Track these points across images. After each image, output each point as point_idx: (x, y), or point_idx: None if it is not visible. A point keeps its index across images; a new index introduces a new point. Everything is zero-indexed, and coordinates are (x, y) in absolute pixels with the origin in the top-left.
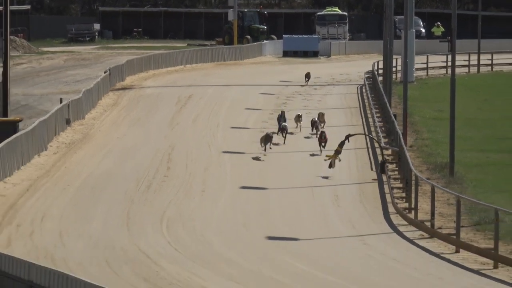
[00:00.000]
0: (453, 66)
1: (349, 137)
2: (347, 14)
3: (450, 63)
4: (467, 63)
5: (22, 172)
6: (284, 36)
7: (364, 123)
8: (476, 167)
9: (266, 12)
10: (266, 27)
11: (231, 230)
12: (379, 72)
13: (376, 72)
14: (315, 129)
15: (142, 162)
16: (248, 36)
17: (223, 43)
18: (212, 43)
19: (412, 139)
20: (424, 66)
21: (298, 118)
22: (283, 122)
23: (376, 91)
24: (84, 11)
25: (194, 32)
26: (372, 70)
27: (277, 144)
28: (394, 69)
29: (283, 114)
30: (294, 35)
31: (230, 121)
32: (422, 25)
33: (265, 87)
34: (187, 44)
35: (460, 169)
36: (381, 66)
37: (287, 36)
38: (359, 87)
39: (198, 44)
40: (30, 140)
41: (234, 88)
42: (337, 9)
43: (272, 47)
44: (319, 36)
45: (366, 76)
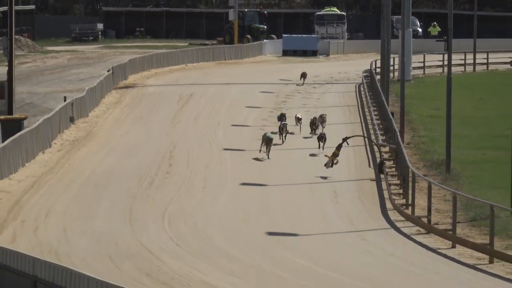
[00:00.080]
0: (449, 65)
1: (346, 139)
2: (345, 14)
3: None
4: (463, 62)
5: (27, 169)
6: (283, 35)
7: (362, 121)
8: (472, 164)
9: (266, 12)
10: (266, 27)
11: (232, 226)
12: (377, 71)
13: (374, 71)
14: (314, 127)
15: (144, 159)
16: (249, 36)
17: (224, 43)
18: (213, 42)
19: (409, 137)
20: (421, 65)
21: (298, 120)
22: (283, 121)
23: (374, 90)
24: (87, 11)
25: (195, 31)
26: (370, 69)
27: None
28: (392, 68)
29: (283, 115)
30: (294, 34)
31: (231, 119)
32: (419, 24)
33: (265, 85)
34: (188, 43)
35: (456, 166)
36: (378, 65)
37: (286, 35)
38: (357, 86)
39: (199, 43)
40: (35, 137)
41: (234, 86)
42: (335, 9)
43: (272, 46)
44: (318, 35)
45: (364, 74)
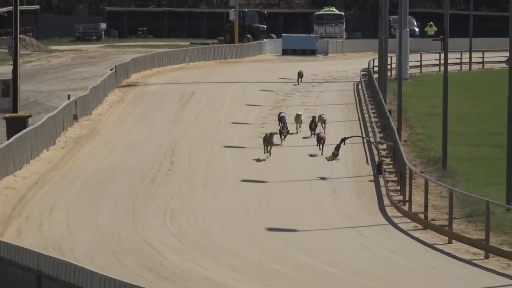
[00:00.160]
0: (445, 64)
1: (345, 140)
2: (343, 13)
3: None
4: (459, 61)
5: (31, 166)
6: (283, 35)
7: (360, 118)
8: (468, 161)
9: (266, 12)
10: (266, 26)
11: (232, 222)
12: (375, 69)
13: (371, 70)
14: (314, 126)
15: (146, 157)
16: (249, 35)
17: (225, 42)
18: (214, 41)
19: (406, 134)
20: (418, 64)
21: (298, 118)
22: (283, 122)
23: (372, 88)
24: (91, 11)
25: (196, 31)
26: (367, 67)
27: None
28: (389, 66)
29: (283, 117)
30: (293, 34)
31: (231, 117)
32: (416, 24)
33: (265, 84)
34: (190, 42)
35: (453, 163)
36: (376, 64)
37: (286, 35)
38: (355, 84)
39: (200, 42)
40: (39, 135)
41: (235, 85)
42: (334, 9)
43: (272, 45)
44: (317, 35)
45: (362, 73)
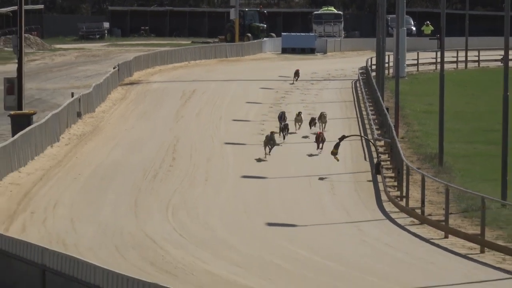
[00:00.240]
0: (442, 62)
1: (343, 139)
2: (342, 13)
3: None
4: (455, 59)
5: (36, 162)
6: (282, 34)
7: (358, 116)
8: (463, 158)
9: (265, 11)
10: (266, 26)
11: (233, 217)
12: (372, 68)
13: (369, 68)
14: (313, 126)
15: (148, 153)
16: (249, 34)
17: (225, 41)
18: (215, 40)
19: (404, 131)
20: (415, 62)
21: (298, 116)
22: (284, 121)
23: (370, 86)
24: (94, 10)
25: (198, 30)
26: (365, 66)
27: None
28: (387, 65)
29: (283, 114)
30: (292, 33)
31: (232, 114)
32: (413, 23)
33: (265, 82)
34: (191, 41)
35: (449, 159)
36: (374, 62)
37: (285, 34)
38: (353, 82)
39: (201, 41)
40: (44, 132)
41: (235, 83)
42: (332, 8)
43: (272, 44)
44: (316, 34)
45: (360, 71)
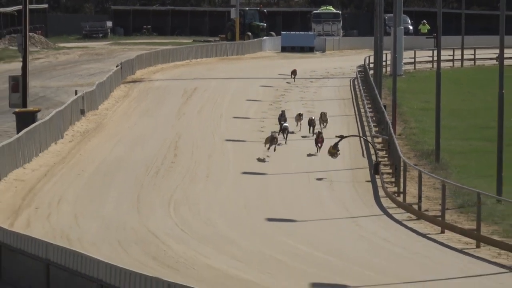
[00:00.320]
0: (438, 61)
1: (342, 138)
2: (340, 12)
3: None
4: (451, 58)
5: (40, 159)
6: (282, 32)
7: (356, 113)
8: (460, 154)
9: (265, 11)
10: (265, 25)
11: (234, 213)
12: (370, 66)
13: (367, 66)
14: (312, 127)
15: (151, 150)
16: (249, 33)
17: (226, 39)
18: (216, 39)
19: (401, 128)
20: (412, 60)
21: (298, 117)
22: (284, 122)
23: (368, 84)
24: (97, 9)
25: (199, 29)
26: (363, 64)
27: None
28: (384, 63)
29: (283, 113)
30: (292, 32)
31: (233, 111)
32: (410, 22)
33: (264, 80)
34: (192, 40)
35: (445, 156)
36: (372, 60)
37: (285, 32)
38: (351, 80)
39: (203, 40)
40: (48, 129)
41: (236, 81)
42: (331, 7)
43: (271, 43)
44: (315, 32)
45: (358, 70)
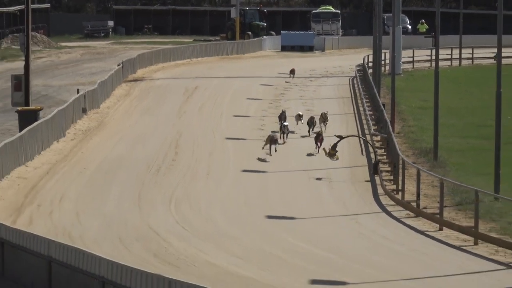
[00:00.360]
0: (436, 60)
1: (341, 138)
2: (339, 12)
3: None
4: (449, 57)
5: (42, 157)
6: (282, 32)
7: (355, 112)
8: (458, 152)
9: (265, 10)
10: (265, 24)
11: (234, 210)
12: (369, 65)
13: (366, 65)
14: (312, 127)
15: (152, 148)
16: (249, 32)
17: (226, 39)
18: (216, 38)
19: (399, 127)
20: (410, 59)
21: (298, 117)
22: (284, 121)
23: (366, 83)
24: (99, 9)
25: (199, 28)
26: (362, 63)
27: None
28: (383, 62)
29: (283, 113)
30: (291, 31)
31: (233, 110)
32: (409, 22)
33: (264, 78)
34: (193, 39)
35: (443, 153)
36: (371, 59)
37: (285, 32)
38: (350, 79)
39: (203, 39)
40: (50, 127)
41: (236, 79)
42: (330, 7)
43: (271, 42)
44: (314, 32)
45: (357, 68)
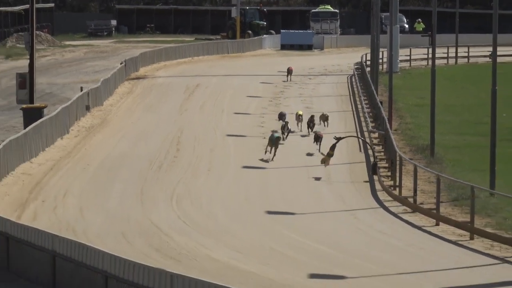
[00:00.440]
0: (433, 58)
1: (340, 139)
2: (338, 11)
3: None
4: (446, 55)
5: (47, 153)
6: (281, 31)
7: (353, 109)
8: (454, 149)
9: (265, 10)
10: (265, 23)
11: (234, 206)
12: (367, 63)
13: (364, 64)
14: (312, 126)
15: (154, 145)
16: (250, 31)
17: (227, 38)
18: (217, 37)
19: (397, 124)
20: (407, 58)
21: (298, 117)
22: (284, 121)
23: (364, 81)
24: (102, 8)
25: (201, 27)
26: (360, 61)
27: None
28: (380, 60)
29: (284, 115)
30: (291, 30)
31: (233, 107)
32: (406, 21)
33: (264, 77)
34: (194, 38)
35: (440, 150)
36: (368, 58)
37: (284, 31)
38: (349, 77)
39: (204, 38)
40: (54, 124)
41: (237, 78)
42: (329, 7)
43: (271, 41)
44: (313, 31)
45: (355, 67)
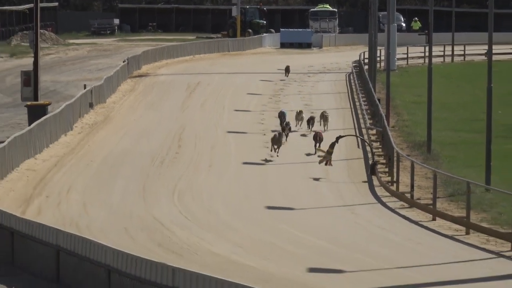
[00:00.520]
0: (430, 56)
1: (339, 138)
2: (336, 10)
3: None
4: (442, 53)
5: (51, 150)
6: (281, 29)
7: (351, 106)
8: (450, 145)
9: (265, 9)
10: (265, 22)
11: (235, 201)
12: (365, 61)
13: (362, 62)
14: (311, 125)
15: (156, 142)
16: (250, 30)
17: (228, 36)
18: (218, 36)
19: (394, 121)
20: (405, 56)
21: (299, 115)
22: (284, 120)
23: (363, 78)
24: (105, 7)
25: (202, 26)
26: (358, 59)
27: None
28: (378, 58)
29: (284, 114)
30: (290, 29)
31: (234, 104)
32: (403, 20)
33: (264, 74)
34: (196, 36)
35: (436, 147)
36: (366, 56)
37: (284, 29)
38: (347, 75)
39: (205, 36)
40: (58, 121)
41: (237, 75)
42: (328, 6)
43: (271, 39)
44: (312, 29)
45: (354, 65)
